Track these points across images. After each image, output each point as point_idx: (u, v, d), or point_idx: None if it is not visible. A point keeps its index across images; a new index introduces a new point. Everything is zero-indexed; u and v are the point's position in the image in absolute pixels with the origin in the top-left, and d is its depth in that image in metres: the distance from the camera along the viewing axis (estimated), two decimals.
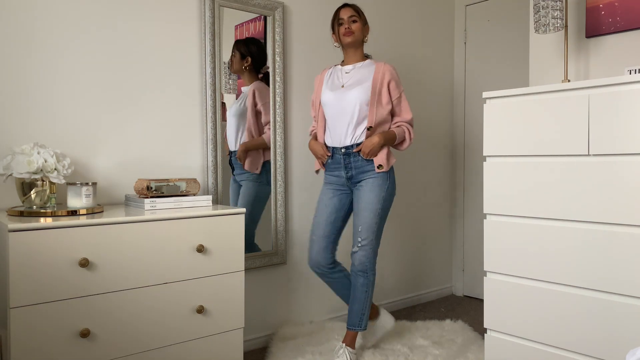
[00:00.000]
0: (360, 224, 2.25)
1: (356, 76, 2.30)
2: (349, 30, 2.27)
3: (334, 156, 2.30)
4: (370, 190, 2.25)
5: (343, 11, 2.31)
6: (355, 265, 2.27)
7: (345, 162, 2.28)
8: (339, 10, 2.33)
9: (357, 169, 2.27)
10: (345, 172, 2.29)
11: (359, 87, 2.25)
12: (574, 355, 1.78)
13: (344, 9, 2.32)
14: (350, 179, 2.29)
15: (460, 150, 3.59)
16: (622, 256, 1.66)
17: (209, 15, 2.34)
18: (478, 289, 3.49)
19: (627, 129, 1.65)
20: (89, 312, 1.63)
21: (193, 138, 2.36)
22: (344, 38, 2.29)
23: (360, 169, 2.26)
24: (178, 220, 1.82)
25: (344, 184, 2.32)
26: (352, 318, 2.31)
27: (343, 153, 2.27)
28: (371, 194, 2.24)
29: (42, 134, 1.96)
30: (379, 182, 2.26)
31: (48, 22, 1.97)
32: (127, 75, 2.16)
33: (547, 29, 2.11)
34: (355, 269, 2.28)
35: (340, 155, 2.28)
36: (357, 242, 2.26)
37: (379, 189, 2.25)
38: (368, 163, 2.25)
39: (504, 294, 1.96)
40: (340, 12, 2.31)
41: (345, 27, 2.27)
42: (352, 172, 2.28)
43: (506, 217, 1.97)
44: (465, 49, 3.56)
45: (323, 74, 2.42)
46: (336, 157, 2.30)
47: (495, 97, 2.00)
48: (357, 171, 2.27)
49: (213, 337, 1.92)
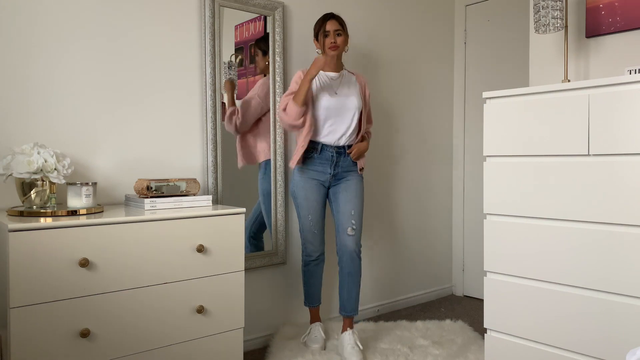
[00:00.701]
0: (353, 208, 2.44)
1: (345, 85, 2.48)
2: (335, 45, 2.42)
3: (323, 152, 2.43)
4: (357, 183, 2.49)
5: (329, 24, 2.43)
6: (353, 249, 2.42)
7: (334, 160, 2.44)
8: (325, 22, 2.43)
9: (343, 168, 2.47)
10: (332, 169, 2.45)
11: (353, 96, 2.46)
12: (574, 355, 1.78)
13: (330, 22, 2.43)
14: (335, 175, 2.47)
15: (460, 150, 3.59)
16: (622, 256, 1.66)
17: (209, 15, 2.35)
18: (478, 289, 3.49)
19: (627, 129, 1.65)
20: (89, 312, 1.63)
21: (193, 138, 2.36)
22: (329, 51, 2.43)
23: (346, 167, 2.47)
24: (178, 220, 1.82)
25: (327, 179, 2.47)
26: (352, 303, 2.47)
27: (335, 151, 2.44)
28: (358, 185, 2.49)
29: (42, 134, 1.96)
30: (360, 183, 2.51)
31: (48, 22, 1.97)
32: (127, 75, 2.16)
33: (547, 29, 2.11)
34: (352, 253, 2.43)
35: (330, 153, 2.43)
36: (351, 225, 2.43)
37: (361, 183, 2.52)
38: (353, 164, 2.49)
39: (504, 294, 1.96)
40: (327, 25, 2.43)
41: (331, 41, 2.42)
42: (338, 170, 2.46)
43: (506, 217, 1.97)
44: (465, 49, 3.56)
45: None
46: (325, 154, 2.43)
47: (495, 97, 2.00)
48: (342, 169, 2.47)
49: (213, 337, 1.92)
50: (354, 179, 2.48)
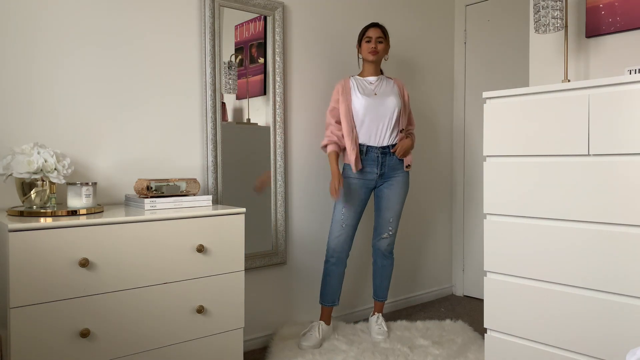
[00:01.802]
0: (392, 216, 2.64)
1: (383, 87, 2.61)
2: (375, 50, 2.56)
3: (369, 154, 2.57)
4: (401, 188, 2.62)
5: (372, 30, 2.58)
6: (385, 249, 2.69)
7: (380, 160, 2.57)
8: (368, 28, 2.58)
9: (390, 167, 2.59)
10: (379, 168, 2.58)
11: (392, 96, 2.58)
12: (574, 355, 1.78)
13: (373, 29, 2.58)
14: (382, 175, 2.60)
15: (460, 150, 3.59)
16: (622, 256, 1.66)
17: (209, 15, 2.35)
18: (478, 289, 3.49)
19: (627, 129, 1.65)
20: (89, 312, 1.63)
21: (193, 138, 2.36)
22: (368, 55, 2.57)
23: (392, 166, 2.60)
24: (178, 220, 1.82)
25: (374, 179, 2.59)
26: (383, 291, 2.76)
27: (380, 152, 2.56)
28: (401, 190, 2.63)
29: (42, 134, 1.96)
30: (405, 180, 2.64)
31: (48, 22, 1.97)
32: (127, 75, 2.16)
33: (547, 29, 2.11)
34: (385, 252, 2.70)
35: (376, 154, 2.56)
36: (388, 231, 2.66)
37: (406, 187, 2.65)
38: (399, 162, 2.61)
39: (504, 294, 1.96)
40: (369, 31, 2.58)
41: (372, 46, 2.56)
42: (385, 169, 2.59)
43: (506, 217, 1.97)
44: (465, 49, 3.56)
45: (346, 82, 2.61)
46: (371, 155, 2.57)
47: (495, 97, 2.00)
48: (389, 168, 2.59)
49: (213, 337, 1.92)
50: (398, 182, 2.61)
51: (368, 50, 2.56)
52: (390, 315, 3.12)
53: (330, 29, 2.86)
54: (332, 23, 2.87)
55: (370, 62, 2.60)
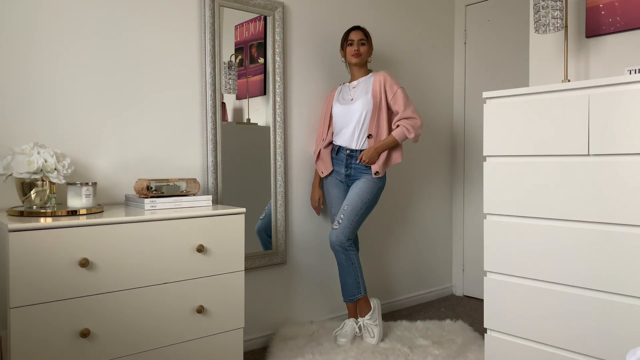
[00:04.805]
0: (347, 204, 2.50)
1: (360, 89, 2.60)
2: (357, 52, 2.56)
3: (339, 153, 2.60)
4: (364, 182, 2.54)
5: (354, 33, 2.59)
6: (334, 241, 2.48)
7: (347, 162, 2.57)
8: (350, 32, 2.59)
9: (356, 170, 2.57)
10: (345, 169, 2.58)
11: (362, 99, 2.55)
12: (574, 355, 1.78)
13: (355, 32, 2.59)
14: (348, 176, 2.59)
15: (460, 150, 3.59)
16: (622, 256, 1.66)
17: (209, 15, 2.35)
18: (478, 289, 3.49)
19: (627, 129, 1.65)
20: (89, 312, 1.64)
21: (193, 138, 2.36)
22: (352, 58, 2.58)
23: (358, 170, 2.57)
24: (178, 220, 1.82)
25: (343, 180, 2.61)
26: (348, 290, 2.54)
27: (347, 154, 2.57)
28: (364, 184, 2.53)
29: (43, 134, 1.96)
30: (371, 185, 2.54)
31: (48, 22, 1.97)
32: (127, 75, 2.16)
33: (547, 29, 2.11)
34: (335, 244, 2.48)
35: (344, 155, 2.58)
36: (339, 219, 2.49)
37: (372, 184, 2.54)
38: (367, 168, 2.55)
39: (504, 294, 1.96)
40: (351, 34, 2.59)
41: (355, 49, 2.56)
42: (350, 171, 2.58)
43: (506, 217, 1.97)
44: (465, 49, 3.56)
45: (333, 92, 2.71)
46: (340, 155, 2.60)
47: (495, 97, 2.00)
48: (355, 171, 2.57)
49: (213, 337, 1.92)
50: (364, 181, 2.54)
51: (351, 53, 2.57)
52: (390, 315, 3.12)
53: (331, 29, 2.86)
54: (332, 23, 2.87)
55: (354, 65, 2.62)
